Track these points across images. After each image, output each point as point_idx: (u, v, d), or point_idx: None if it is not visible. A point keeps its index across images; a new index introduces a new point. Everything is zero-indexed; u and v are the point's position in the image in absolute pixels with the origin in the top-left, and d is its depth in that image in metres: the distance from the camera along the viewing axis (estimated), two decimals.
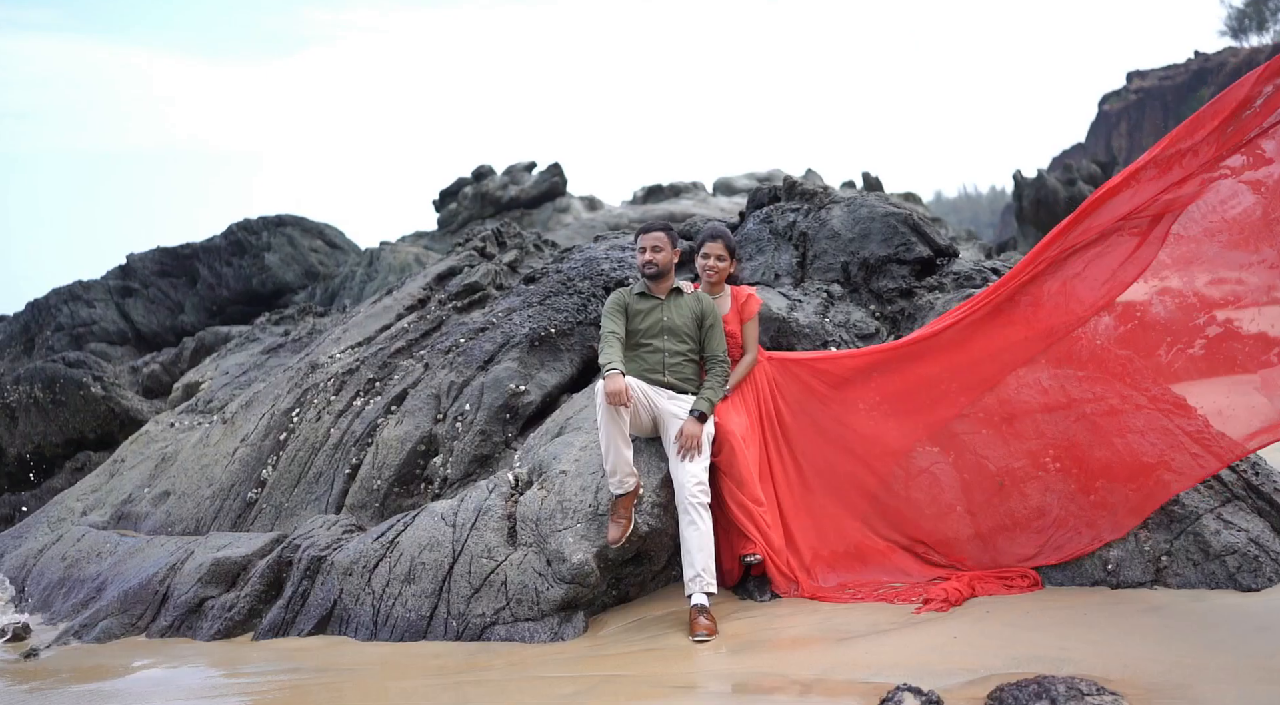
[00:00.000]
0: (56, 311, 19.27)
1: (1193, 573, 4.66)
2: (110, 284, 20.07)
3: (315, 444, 6.93)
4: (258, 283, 20.07)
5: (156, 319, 19.88)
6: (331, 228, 21.90)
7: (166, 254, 20.72)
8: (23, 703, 5.10)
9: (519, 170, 24.69)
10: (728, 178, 27.88)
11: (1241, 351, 4.49)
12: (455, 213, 24.15)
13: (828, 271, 6.50)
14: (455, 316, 7.60)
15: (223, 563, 6.12)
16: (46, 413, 10.91)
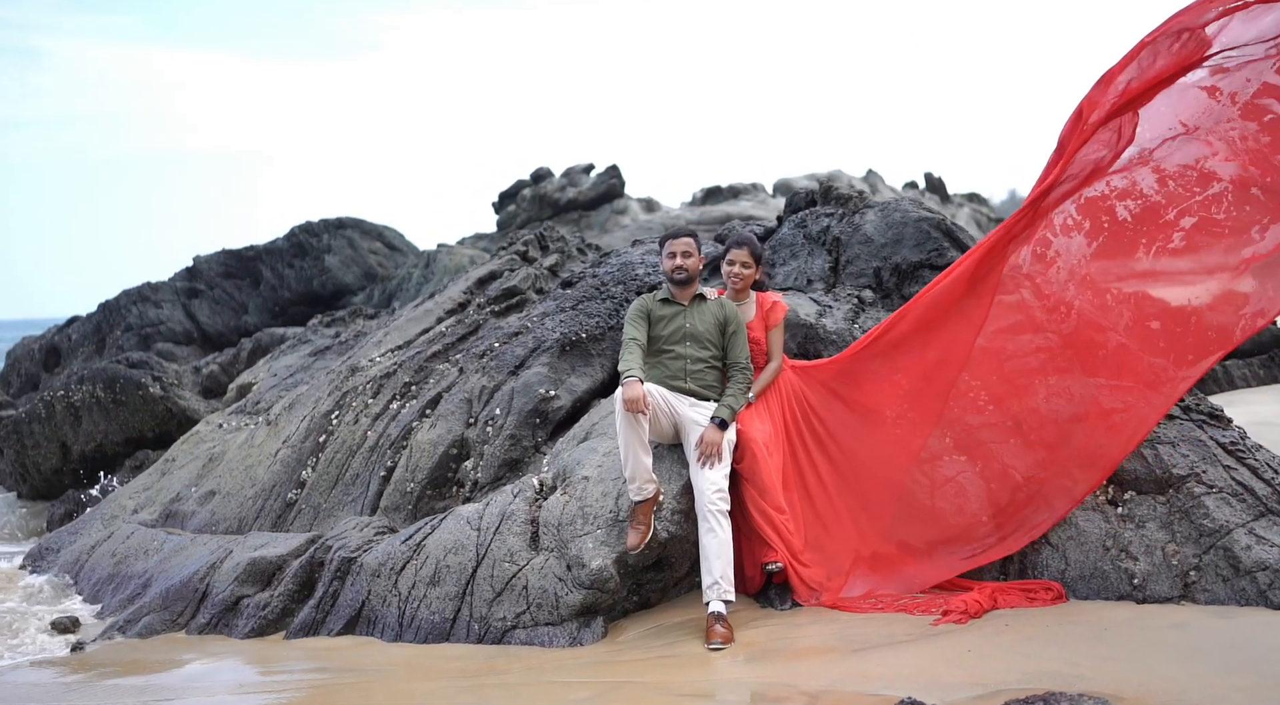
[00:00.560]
0: (126, 312, 19.81)
1: (1222, 589, 4.54)
2: (177, 285, 20.59)
3: (353, 446, 7.04)
4: (318, 284, 20.44)
5: (221, 320, 20.35)
6: (391, 230, 22.22)
7: (231, 256, 21.21)
8: (64, 696, 5.27)
9: (577, 172, 24.82)
10: (788, 179, 27.69)
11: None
12: (514, 215, 24.36)
13: (860, 277, 6.44)
14: (492, 321, 7.67)
15: (258, 562, 6.24)
16: (108, 412, 11.23)
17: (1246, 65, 4.72)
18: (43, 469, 11.70)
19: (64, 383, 11.80)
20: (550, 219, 24.01)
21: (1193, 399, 5.16)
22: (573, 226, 23.55)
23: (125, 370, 11.42)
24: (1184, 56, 4.81)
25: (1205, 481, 4.77)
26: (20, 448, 11.77)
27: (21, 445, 11.74)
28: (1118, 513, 4.89)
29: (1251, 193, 4.62)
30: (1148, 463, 4.93)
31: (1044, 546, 4.98)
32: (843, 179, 26.90)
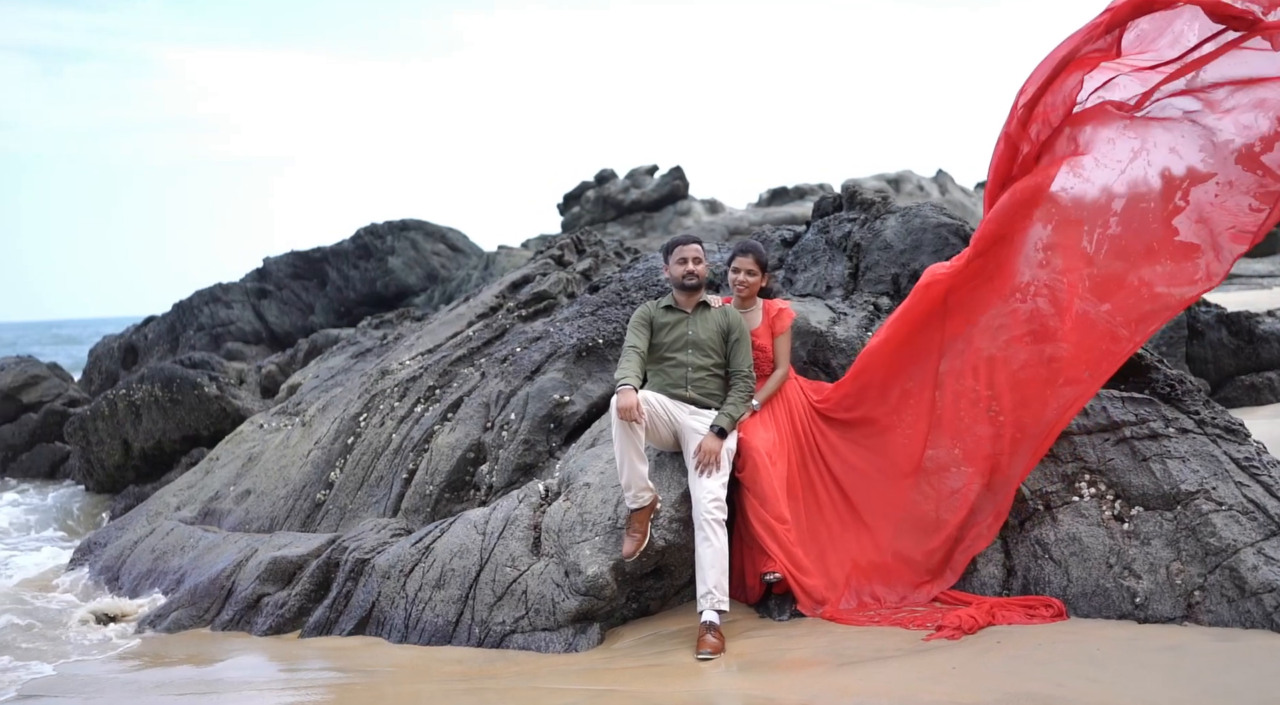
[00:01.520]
0: (198, 312, 20.39)
1: (1226, 610, 4.38)
2: (247, 286, 21.12)
3: (378, 448, 7.16)
4: (381, 285, 20.80)
5: (289, 320, 20.82)
6: (455, 231, 22.50)
7: (299, 257, 21.69)
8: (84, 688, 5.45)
9: (640, 173, 24.85)
10: (856, 179, 27.41)
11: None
12: (578, 216, 24.48)
13: (878, 284, 6.35)
14: (519, 325, 7.73)
15: (279, 562, 6.38)
16: (165, 410, 11.58)
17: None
18: (106, 465, 12.10)
19: (126, 382, 12.19)
20: (614, 220, 24.12)
21: (1209, 412, 4.99)
22: (635, 228, 23.62)
23: (182, 370, 11.75)
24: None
25: (1215, 498, 4.61)
26: (86, 444, 12.18)
27: (87, 441, 12.15)
28: (1123, 529, 4.76)
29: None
30: (1155, 477, 4.78)
31: (1046, 562, 4.86)
32: (912, 179, 26.56)
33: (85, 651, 6.21)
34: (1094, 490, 4.91)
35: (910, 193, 25.86)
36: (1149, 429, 4.92)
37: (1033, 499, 5.04)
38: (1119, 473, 4.88)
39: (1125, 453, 4.91)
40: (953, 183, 26.67)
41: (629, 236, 22.86)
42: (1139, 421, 4.96)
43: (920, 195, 25.53)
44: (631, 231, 23.38)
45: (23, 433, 15.11)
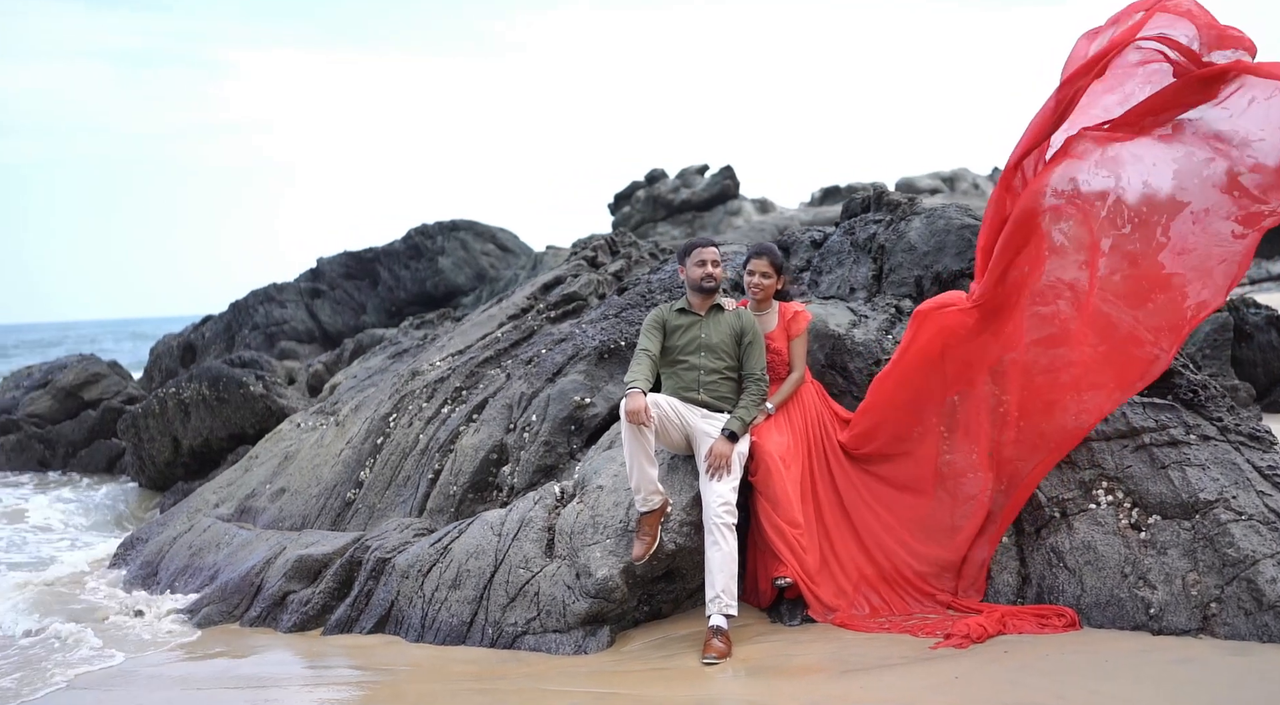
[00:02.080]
0: (253, 312, 20.77)
1: (1243, 623, 4.27)
2: (301, 286, 21.46)
3: (406, 448, 7.24)
4: (431, 285, 21.01)
5: (341, 319, 21.12)
6: (506, 231, 22.65)
7: (351, 258, 21.99)
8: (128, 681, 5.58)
9: (691, 173, 24.80)
10: (910, 177, 27.06)
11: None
12: (629, 216, 24.51)
13: (901, 286, 6.28)
14: (547, 326, 7.76)
15: (305, 560, 6.48)
16: (212, 409, 11.80)
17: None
18: (157, 461, 12.37)
19: (176, 380, 12.46)
20: (664, 220, 24.12)
21: (1232, 419, 4.87)
22: (685, 228, 23.59)
23: (228, 369, 11.97)
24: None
25: (1234, 508, 4.49)
26: (138, 440, 12.46)
27: (139, 438, 12.43)
28: (1140, 538, 4.65)
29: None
30: (1174, 485, 4.67)
31: (1061, 570, 4.77)
32: (967, 177, 26.19)
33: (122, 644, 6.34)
34: (1111, 498, 4.81)
35: (965, 191, 25.49)
36: (1169, 436, 4.81)
37: (1049, 506, 4.95)
38: (1137, 480, 4.78)
39: (1144, 460, 4.80)
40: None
41: (679, 236, 22.84)
42: (1159, 428, 4.85)
43: (975, 193, 25.16)
44: (681, 231, 23.35)
45: (82, 429, 15.51)
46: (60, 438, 15.56)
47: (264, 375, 12.20)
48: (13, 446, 15.80)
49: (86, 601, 7.51)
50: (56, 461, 15.35)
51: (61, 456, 15.37)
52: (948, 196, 25.23)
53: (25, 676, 5.55)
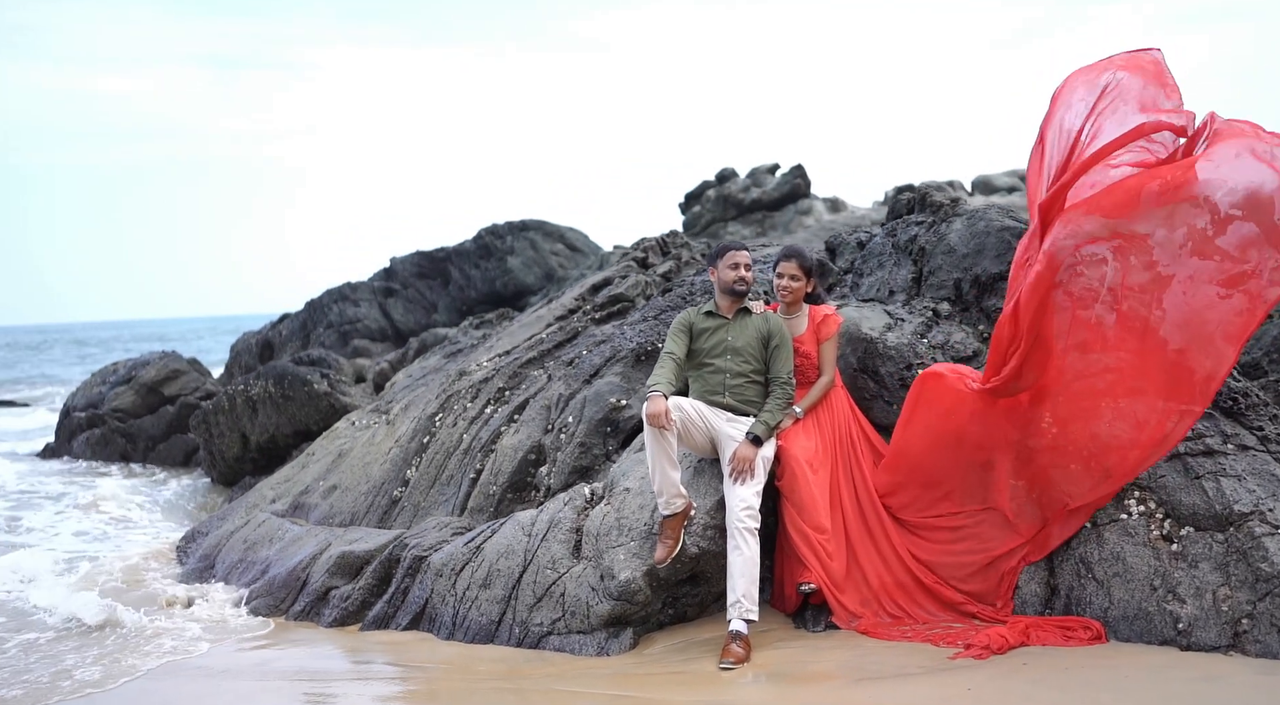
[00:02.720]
0: (328, 310, 21.23)
1: (1275, 641, 4.13)
2: (375, 285, 21.88)
3: (450, 448, 7.33)
4: (500, 285, 21.23)
5: (413, 318, 21.47)
6: (575, 231, 22.80)
7: (424, 257, 22.35)
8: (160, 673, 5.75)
9: (761, 172, 24.66)
10: (987, 175, 26.51)
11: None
12: (699, 215, 24.47)
13: (940, 289, 6.17)
14: (591, 328, 7.80)
15: (347, 556, 6.61)
16: (278, 406, 12.10)
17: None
18: (226, 456, 12.71)
19: (245, 378, 12.79)
20: (734, 219, 24.03)
21: (1275, 428, 4.69)
22: (756, 227, 23.47)
23: (294, 368, 12.25)
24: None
25: (1270, 520, 4.33)
26: (208, 436, 12.82)
27: (209, 434, 12.80)
28: (1171, 549, 4.51)
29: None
30: (1207, 496, 4.52)
31: (1089, 581, 4.66)
32: None
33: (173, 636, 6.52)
34: (1143, 508, 4.68)
35: None
36: (1204, 445, 4.66)
37: None
38: (1170, 490, 4.64)
39: (1178, 469, 4.66)
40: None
41: (749, 236, 22.74)
42: (1194, 437, 4.70)
43: None
44: (752, 230, 23.24)
45: (160, 424, 16.02)
46: (141, 432, 16.09)
47: (329, 373, 12.46)
48: (97, 440, 16.39)
49: (147, 592, 7.76)
50: (137, 455, 15.88)
51: (142, 450, 15.89)
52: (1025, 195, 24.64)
53: (105, 668, 5.68)
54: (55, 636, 6.29)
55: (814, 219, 23.17)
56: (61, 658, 5.78)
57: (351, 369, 15.05)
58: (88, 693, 5.20)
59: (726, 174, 25.02)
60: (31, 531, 10.24)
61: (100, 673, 5.51)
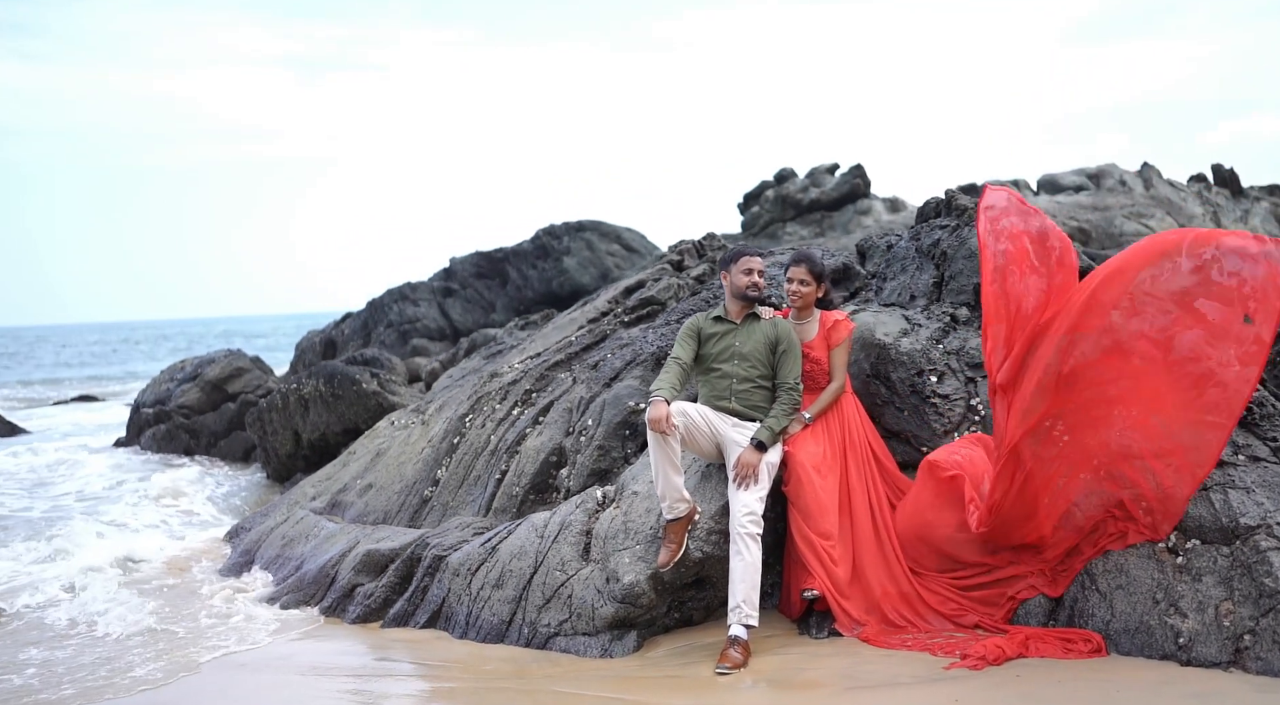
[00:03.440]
0: (388, 309, 21.59)
1: (1277, 658, 4.02)
2: (434, 285, 22.20)
3: (479, 448, 7.44)
4: (556, 285, 21.40)
5: (472, 318, 21.74)
6: (632, 231, 22.88)
7: (483, 257, 22.62)
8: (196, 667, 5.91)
9: (820, 172, 24.48)
10: (1053, 174, 26.03)
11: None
12: (757, 216, 24.38)
13: (960, 294, 6.11)
14: (620, 331, 7.84)
15: (373, 554, 6.74)
16: (328, 404, 12.35)
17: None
18: (280, 453, 13.01)
19: (297, 376, 13.07)
20: (792, 220, 23.90)
21: None
22: (814, 228, 23.33)
23: (343, 367, 12.49)
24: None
25: (1277, 534, 4.23)
26: (263, 433, 13.14)
27: (264, 431, 13.11)
28: (1175, 562, 4.43)
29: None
30: (1214, 508, 4.42)
31: (1093, 593, 4.58)
32: (1114, 174, 25.03)
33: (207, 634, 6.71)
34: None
35: (1111, 188, 24.36)
36: None
37: None
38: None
39: None
40: (1159, 177, 24.89)
41: (807, 237, 22.62)
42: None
43: (1121, 190, 24.02)
44: (810, 231, 23.11)
45: (222, 420, 16.44)
46: (203, 428, 16.53)
47: (379, 373, 12.68)
48: (162, 435, 16.88)
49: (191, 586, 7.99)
50: (199, 450, 16.31)
51: (204, 445, 16.33)
52: (1094, 195, 24.17)
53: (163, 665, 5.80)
54: (104, 634, 6.42)
55: (873, 219, 22.96)
56: (102, 656, 5.92)
57: (405, 368, 15.29)
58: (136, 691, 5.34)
59: (785, 174, 24.90)
60: (109, 520, 10.54)
61: (141, 671, 5.64)
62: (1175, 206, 23.66)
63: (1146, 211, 22.87)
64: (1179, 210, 23.46)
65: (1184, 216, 23.31)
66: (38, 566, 8.34)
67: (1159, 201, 23.49)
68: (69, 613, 6.88)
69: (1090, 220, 22.00)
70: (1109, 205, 22.76)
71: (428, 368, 14.33)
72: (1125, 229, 21.89)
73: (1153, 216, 22.71)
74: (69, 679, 5.44)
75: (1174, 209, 23.55)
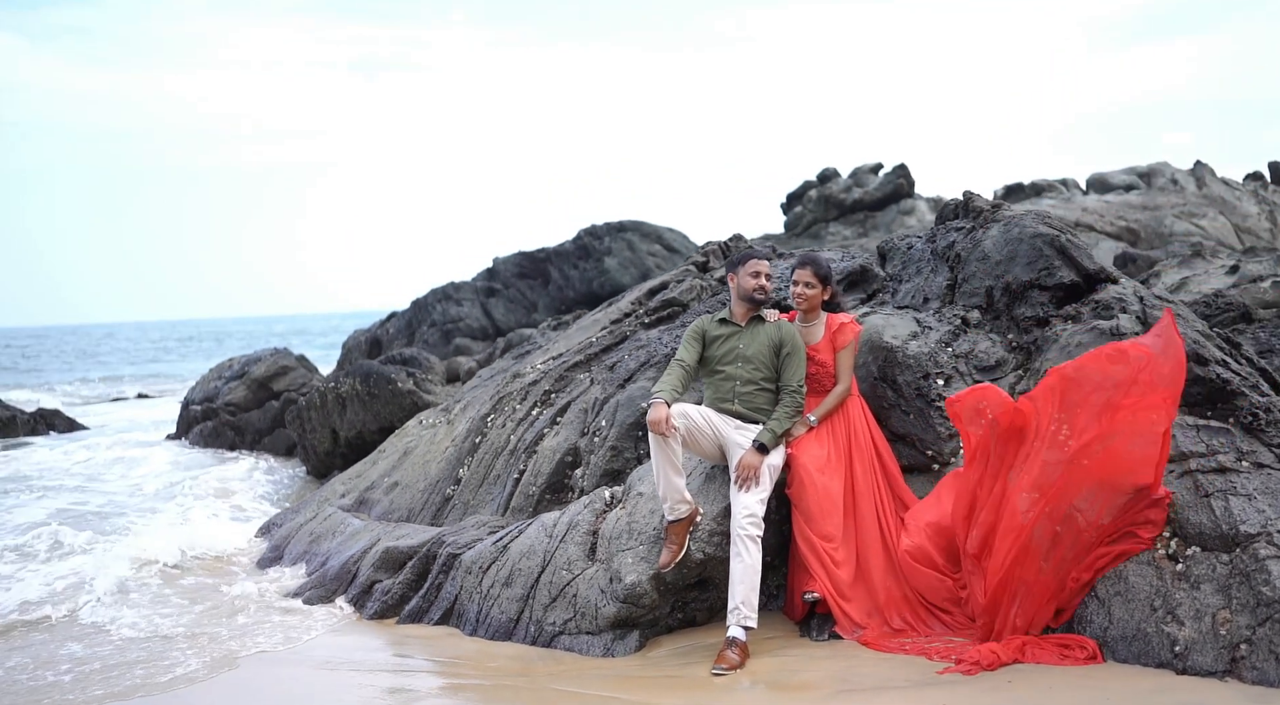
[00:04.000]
0: (432, 309, 21.83)
1: (1273, 669, 3.97)
2: (477, 285, 22.40)
3: (499, 448, 7.53)
4: (597, 285, 21.49)
5: (514, 317, 21.91)
6: (674, 231, 22.91)
7: (525, 257, 22.79)
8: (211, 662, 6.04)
9: (864, 172, 24.31)
10: (1102, 173, 25.63)
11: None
12: (800, 216, 24.27)
13: (972, 296, 6.07)
14: (640, 332, 7.88)
15: (391, 552, 6.85)
16: (364, 403, 12.54)
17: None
18: (319, 451, 13.23)
19: (335, 375, 13.28)
20: (835, 220, 23.78)
21: None
22: (857, 228, 23.19)
23: (379, 366, 12.68)
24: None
25: (1277, 543, 4.17)
26: (302, 431, 13.37)
27: (303, 429, 13.33)
28: (1175, 569, 4.38)
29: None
30: (1215, 515, 4.37)
31: (1091, 599, 4.54)
32: (1165, 172, 24.58)
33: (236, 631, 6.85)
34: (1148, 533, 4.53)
35: (1162, 187, 23.91)
36: (1217, 462, 4.50)
37: None
38: (1178, 508, 4.50)
39: (1188, 486, 4.52)
40: (1212, 175, 24.36)
41: (850, 237, 22.48)
42: (1208, 453, 4.55)
43: (1173, 189, 23.58)
44: (853, 231, 22.97)
45: (266, 418, 16.74)
46: (248, 426, 16.84)
47: (414, 372, 12.85)
48: (209, 432, 17.22)
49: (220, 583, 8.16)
50: (244, 446, 16.62)
51: (249, 442, 16.63)
52: (1144, 194, 23.75)
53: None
54: (134, 632, 6.51)
55: (916, 219, 22.77)
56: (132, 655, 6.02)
57: (445, 368, 15.46)
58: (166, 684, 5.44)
59: (828, 174, 24.78)
60: (148, 515, 10.76)
61: (205, 668, 5.72)
62: (1229, 206, 23.16)
63: (1198, 211, 22.43)
64: (1233, 209, 22.97)
65: (1238, 216, 22.83)
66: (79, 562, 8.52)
67: (1212, 201, 23.01)
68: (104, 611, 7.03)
69: (1139, 220, 21.63)
70: (1159, 205, 22.35)
71: (466, 367, 14.47)
72: (1175, 229, 21.50)
73: (1204, 216, 22.27)
74: (100, 677, 5.54)
75: (1227, 208, 23.06)
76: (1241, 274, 9.73)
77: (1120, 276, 5.78)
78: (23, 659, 5.82)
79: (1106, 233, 20.95)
